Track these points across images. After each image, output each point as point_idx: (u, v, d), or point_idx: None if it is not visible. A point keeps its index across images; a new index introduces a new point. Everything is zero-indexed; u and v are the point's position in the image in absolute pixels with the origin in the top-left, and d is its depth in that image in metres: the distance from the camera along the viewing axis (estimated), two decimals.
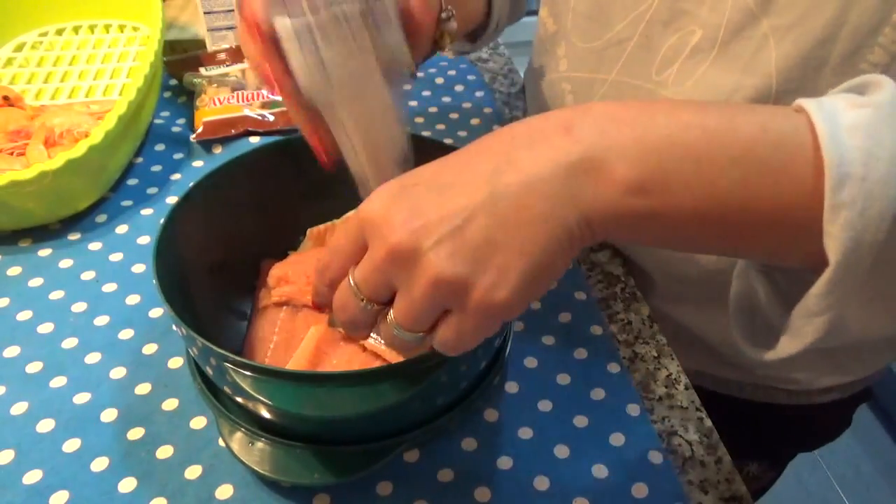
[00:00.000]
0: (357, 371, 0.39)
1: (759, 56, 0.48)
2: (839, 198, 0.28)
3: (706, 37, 0.50)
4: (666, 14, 0.52)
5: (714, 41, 0.50)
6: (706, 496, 0.47)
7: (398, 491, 0.46)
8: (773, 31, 0.47)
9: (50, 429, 0.49)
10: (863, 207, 0.28)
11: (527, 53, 0.76)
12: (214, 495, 0.45)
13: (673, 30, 0.52)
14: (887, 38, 0.44)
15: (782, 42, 0.47)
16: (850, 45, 0.45)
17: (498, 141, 0.33)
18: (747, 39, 0.48)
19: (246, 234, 0.55)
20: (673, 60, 0.53)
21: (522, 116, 0.80)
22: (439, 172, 0.33)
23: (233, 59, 0.82)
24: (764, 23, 0.47)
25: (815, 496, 1.48)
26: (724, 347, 0.64)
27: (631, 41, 0.55)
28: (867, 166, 0.28)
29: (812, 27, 0.45)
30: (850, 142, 0.29)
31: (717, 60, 0.50)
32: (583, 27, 0.59)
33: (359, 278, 0.33)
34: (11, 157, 0.64)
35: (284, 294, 0.53)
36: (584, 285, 0.60)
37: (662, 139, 0.31)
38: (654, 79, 0.54)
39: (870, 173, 0.28)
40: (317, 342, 0.49)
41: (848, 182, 0.28)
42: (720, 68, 0.50)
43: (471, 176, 0.31)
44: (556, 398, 0.51)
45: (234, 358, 0.38)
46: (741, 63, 0.49)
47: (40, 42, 0.82)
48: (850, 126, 0.29)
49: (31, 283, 0.59)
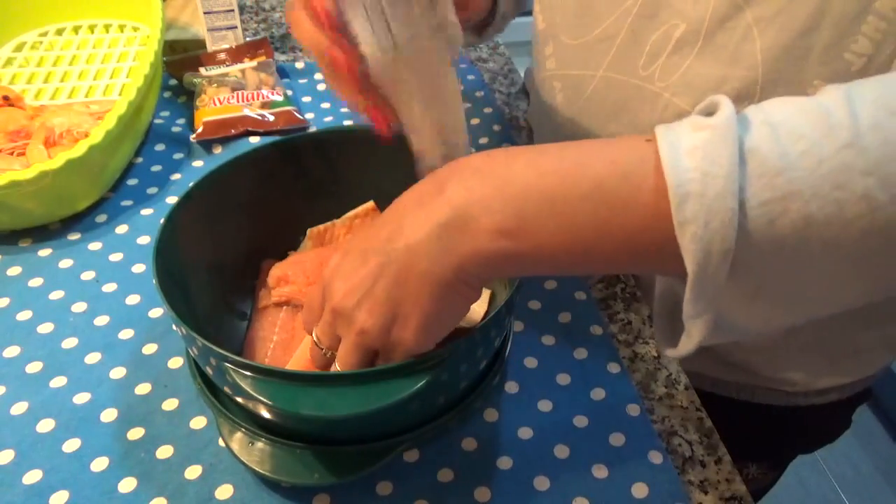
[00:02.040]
0: (357, 371, 0.39)
1: (743, 47, 0.48)
2: (683, 215, 0.32)
3: (690, 30, 0.51)
4: (650, 8, 0.53)
5: (698, 34, 0.50)
6: (706, 496, 0.47)
7: (398, 491, 0.46)
8: (757, 21, 0.47)
9: (50, 429, 0.49)
10: (706, 221, 0.31)
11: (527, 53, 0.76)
12: (214, 495, 0.45)
13: (657, 24, 0.52)
14: (870, 27, 0.44)
15: (766, 32, 0.47)
16: (833, 35, 0.45)
17: (398, 206, 0.39)
18: (731, 31, 0.48)
19: (246, 234, 0.55)
20: (659, 55, 0.53)
21: (523, 116, 0.80)
22: (364, 238, 0.40)
23: (233, 59, 0.82)
24: (748, 13, 0.47)
25: (816, 496, 1.48)
26: (727, 349, 0.64)
27: (618, 37, 0.56)
28: (704, 184, 0.31)
29: (795, 16, 0.45)
30: (689, 163, 0.32)
31: (702, 53, 0.50)
32: (571, 24, 0.60)
33: (318, 334, 0.42)
34: (11, 157, 0.64)
35: (284, 294, 0.53)
36: (584, 285, 0.60)
37: (520, 187, 0.35)
38: (641, 73, 0.55)
39: (707, 189, 0.31)
40: None
41: (689, 200, 0.31)
42: (706, 61, 0.50)
43: (375, 243, 0.38)
44: (556, 398, 0.51)
45: (234, 358, 0.38)
46: (726, 55, 0.49)
47: (40, 42, 0.82)
48: (690, 148, 0.32)
49: (31, 283, 0.59)
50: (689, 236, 0.32)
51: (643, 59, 0.54)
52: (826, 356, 0.64)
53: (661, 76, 0.53)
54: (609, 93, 0.58)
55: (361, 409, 0.38)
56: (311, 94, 0.82)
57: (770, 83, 0.48)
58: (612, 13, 0.55)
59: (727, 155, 0.31)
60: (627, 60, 0.55)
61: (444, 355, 0.39)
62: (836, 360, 0.65)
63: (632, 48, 0.55)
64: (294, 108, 0.76)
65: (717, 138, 0.32)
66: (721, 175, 0.31)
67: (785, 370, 0.65)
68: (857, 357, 0.66)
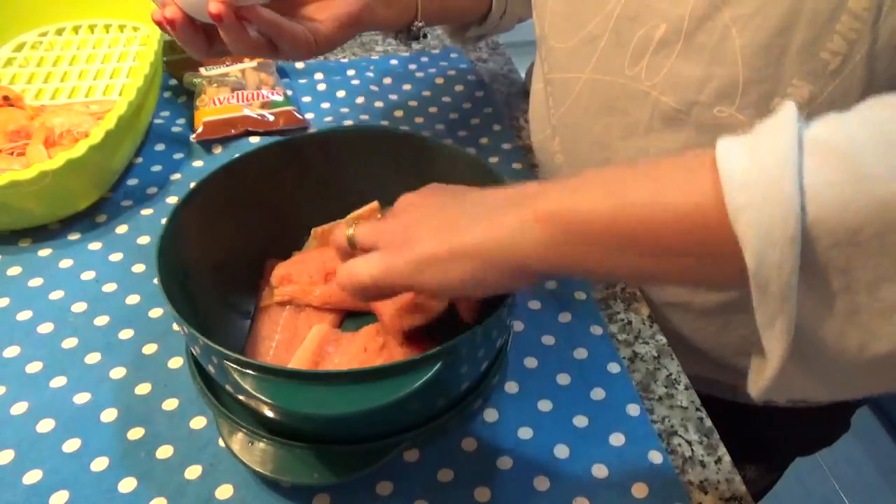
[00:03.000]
0: (358, 370, 0.39)
1: (723, 46, 0.48)
2: (737, 201, 0.29)
3: (671, 29, 0.51)
4: (632, 10, 0.53)
5: (679, 33, 0.51)
6: (706, 496, 0.47)
7: (398, 491, 0.46)
8: (735, 20, 0.47)
9: (50, 429, 0.49)
10: (762, 204, 0.28)
11: (527, 53, 0.76)
12: (214, 495, 0.45)
13: (639, 24, 0.53)
14: (844, 26, 0.44)
15: (744, 31, 0.47)
16: (809, 33, 0.45)
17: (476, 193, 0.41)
18: (710, 30, 0.49)
19: (249, 233, 0.55)
20: (643, 55, 0.53)
21: (523, 116, 0.80)
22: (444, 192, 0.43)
23: (233, 59, 0.82)
24: (725, 13, 0.48)
25: (816, 497, 1.48)
26: (718, 351, 0.64)
27: (602, 38, 0.56)
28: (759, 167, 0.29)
29: (771, 15, 0.46)
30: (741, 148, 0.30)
31: (683, 52, 0.51)
32: (559, 27, 0.60)
33: (360, 232, 0.43)
34: (11, 157, 0.64)
35: (287, 293, 0.53)
36: (584, 285, 0.60)
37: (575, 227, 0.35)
38: (626, 73, 0.55)
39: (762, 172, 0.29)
40: (319, 341, 0.49)
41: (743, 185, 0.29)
42: (688, 60, 0.51)
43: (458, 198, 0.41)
44: (556, 398, 0.51)
45: (236, 357, 0.38)
46: (706, 54, 0.49)
47: (40, 42, 0.82)
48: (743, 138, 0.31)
49: (31, 283, 0.59)
50: (744, 223, 0.29)
51: (628, 60, 0.54)
52: None
53: (647, 75, 0.54)
54: (595, 94, 0.58)
55: (363, 408, 0.38)
56: (311, 94, 0.82)
57: (751, 82, 0.48)
58: (595, 16, 0.56)
59: (784, 139, 0.29)
60: (612, 61, 0.56)
61: (443, 354, 0.39)
62: None
63: (616, 49, 0.55)
64: (294, 108, 0.76)
65: (772, 125, 0.30)
66: (777, 155, 0.29)
67: None
68: None
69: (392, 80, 0.85)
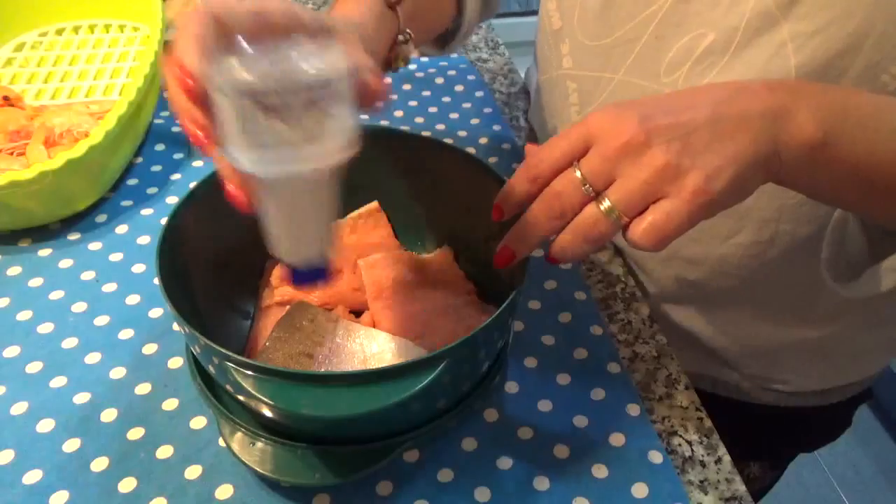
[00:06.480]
0: (358, 371, 0.39)
1: (774, 63, 0.47)
2: None
3: (719, 40, 0.49)
4: (677, 15, 0.51)
5: (728, 44, 0.49)
6: (706, 496, 0.47)
7: (398, 491, 0.46)
8: (793, 37, 0.46)
9: (50, 429, 0.49)
10: None
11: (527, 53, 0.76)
12: (214, 495, 0.45)
13: (683, 31, 0.51)
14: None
15: (802, 49, 0.45)
16: (874, 56, 0.44)
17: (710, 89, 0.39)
18: (764, 45, 0.47)
19: (250, 233, 0.55)
20: (682, 63, 0.52)
21: (523, 116, 0.80)
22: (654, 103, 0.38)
23: None
24: (784, 28, 0.46)
25: (815, 496, 1.48)
26: (722, 348, 0.64)
27: (640, 41, 0.54)
28: None
29: (836, 36, 0.44)
30: None
31: (729, 66, 0.49)
32: (590, 24, 0.59)
33: (586, 169, 0.38)
34: (11, 157, 0.64)
35: (287, 293, 0.53)
36: (583, 285, 0.60)
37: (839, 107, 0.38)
38: (661, 80, 0.53)
39: None
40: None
41: None
42: (732, 74, 0.49)
43: (695, 103, 0.38)
44: (556, 398, 0.51)
45: (236, 357, 0.38)
46: (755, 70, 0.48)
47: (40, 42, 0.82)
48: None
49: (31, 283, 0.59)
50: None
51: (665, 66, 0.53)
52: (826, 358, 0.64)
53: (684, 85, 0.52)
54: (626, 96, 0.56)
55: (362, 409, 0.38)
56: None
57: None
58: (635, 17, 0.54)
59: None
60: (648, 66, 0.54)
61: (444, 356, 0.39)
62: (837, 362, 0.65)
63: (654, 54, 0.54)
64: None
65: None
66: None
67: (785, 372, 0.65)
68: (857, 359, 0.66)
69: (392, 80, 0.85)
